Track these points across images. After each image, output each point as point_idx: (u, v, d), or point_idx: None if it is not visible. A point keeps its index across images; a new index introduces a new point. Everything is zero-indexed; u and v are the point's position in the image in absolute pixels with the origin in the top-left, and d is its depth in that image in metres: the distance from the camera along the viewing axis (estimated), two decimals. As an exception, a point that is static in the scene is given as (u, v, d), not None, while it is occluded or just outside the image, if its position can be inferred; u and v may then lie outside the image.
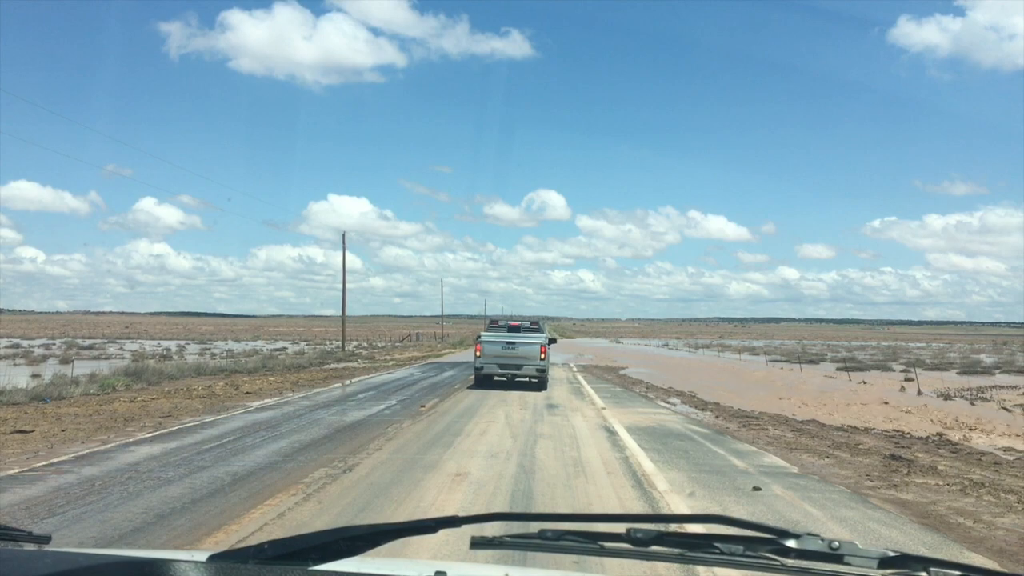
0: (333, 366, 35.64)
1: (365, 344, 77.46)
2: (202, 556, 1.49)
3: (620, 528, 1.45)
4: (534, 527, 1.52)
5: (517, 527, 1.56)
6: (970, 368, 41.66)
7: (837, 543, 1.36)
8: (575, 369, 34.12)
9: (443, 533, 1.52)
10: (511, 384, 23.24)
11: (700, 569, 5.11)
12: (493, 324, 24.71)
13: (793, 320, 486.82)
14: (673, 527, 1.73)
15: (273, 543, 1.46)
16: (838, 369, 39.27)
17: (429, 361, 42.25)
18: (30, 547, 1.67)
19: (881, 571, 1.32)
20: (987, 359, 54.31)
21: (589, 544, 1.46)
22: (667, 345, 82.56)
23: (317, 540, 1.46)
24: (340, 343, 51.88)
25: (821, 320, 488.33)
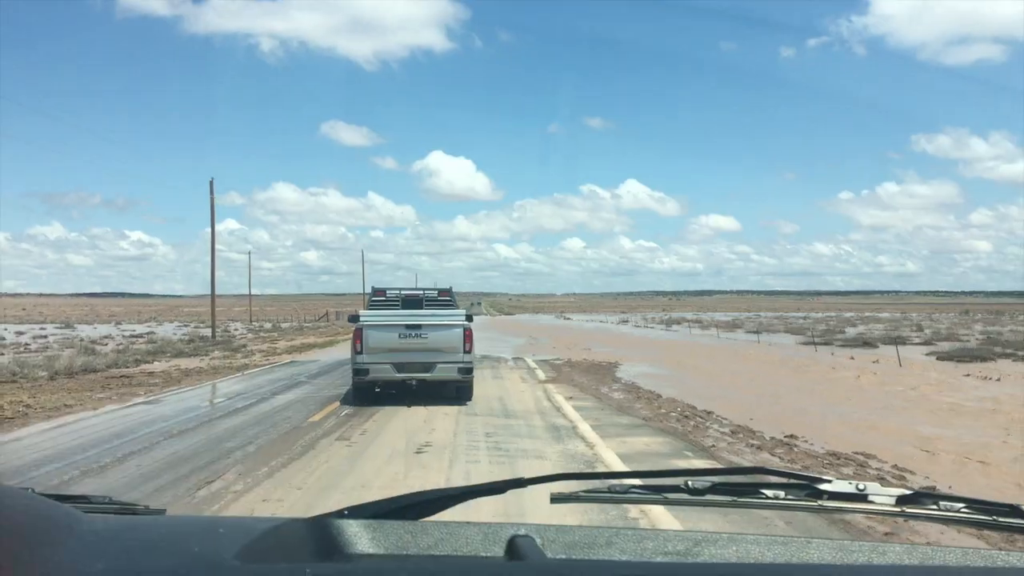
0: (149, 368, 23.23)
1: (266, 326, 64.70)
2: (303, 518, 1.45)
3: (678, 481, 1.53)
4: (597, 484, 1.61)
5: (583, 485, 1.61)
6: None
7: (863, 485, 1.46)
8: (542, 377, 19.19)
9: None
10: (409, 393, 14.07)
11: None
12: (378, 297, 15.45)
13: (725, 292, 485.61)
14: (723, 478, 1.57)
15: (352, 509, 1.45)
16: (930, 354, 27.88)
17: (316, 353, 29.93)
18: (147, 518, 1.61)
19: (899, 507, 1.44)
20: (1005, 331, 44.43)
21: (654, 495, 1.57)
22: (626, 321, 71.19)
23: (393, 504, 1.47)
24: (244, 324, 40.34)
25: (751, 292, 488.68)
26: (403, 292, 15.78)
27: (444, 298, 15.57)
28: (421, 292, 15.94)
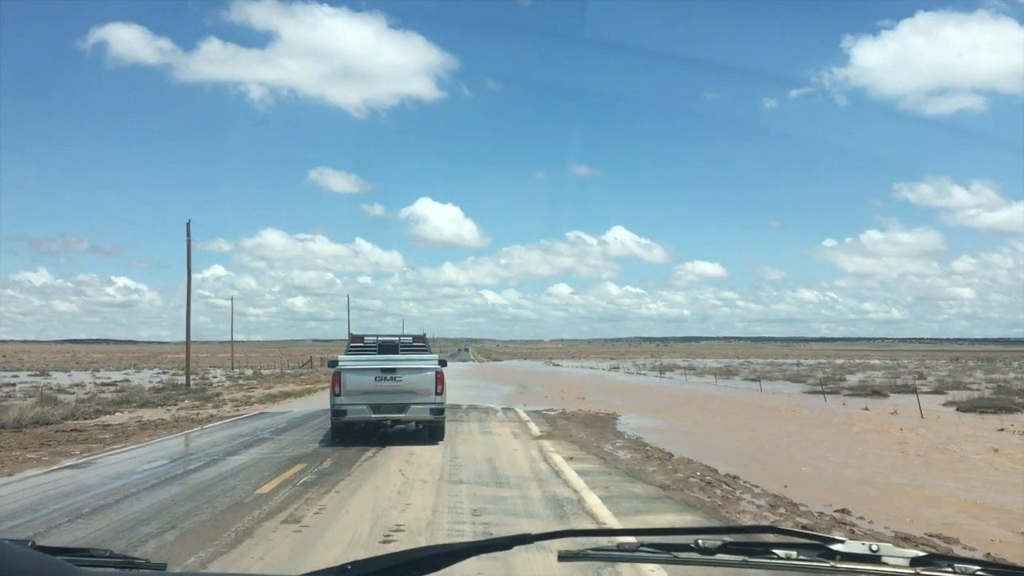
0: (109, 419, 21.13)
1: (247, 372, 62.12)
2: None
3: (688, 540, 1.52)
4: (604, 541, 1.61)
5: (590, 541, 1.60)
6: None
7: (876, 546, 1.44)
8: (536, 432, 16.79)
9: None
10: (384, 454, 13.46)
11: None
12: (356, 343, 16.09)
13: (712, 338, 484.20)
14: (733, 537, 1.55)
15: (356, 563, 1.46)
16: (946, 404, 25.71)
17: (291, 403, 27.69)
18: (147, 573, 1.71)
19: (913, 569, 1.40)
20: (980, 375, 42.56)
21: (663, 554, 1.53)
22: (617, 368, 68.98)
23: (398, 559, 1.47)
24: (226, 371, 37.71)
25: (738, 338, 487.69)
26: (380, 338, 16.07)
27: (418, 344, 15.91)
28: (397, 338, 16.20)
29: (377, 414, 14.28)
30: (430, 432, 14.93)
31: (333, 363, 15.04)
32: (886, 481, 11.31)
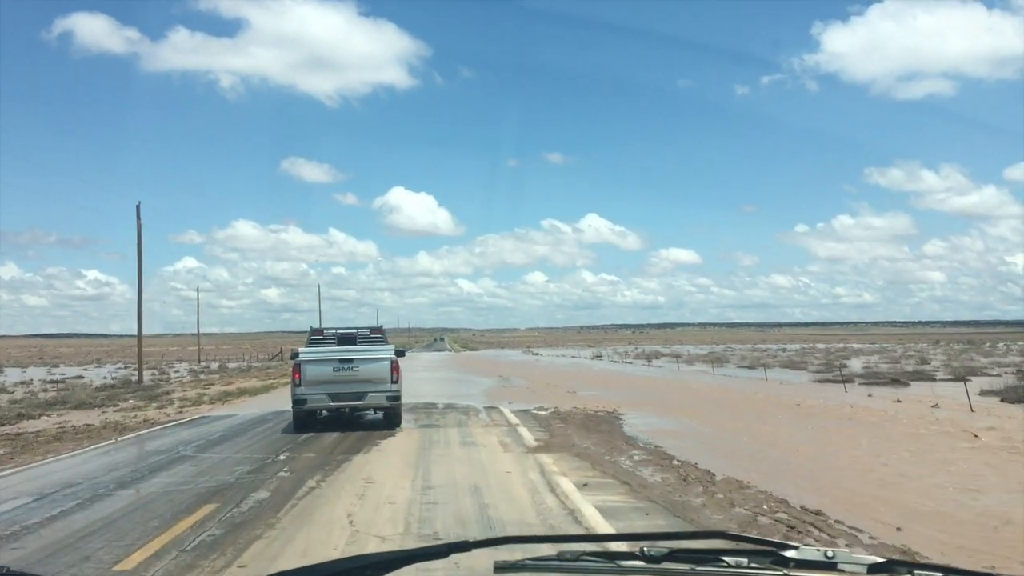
0: (30, 425, 17.87)
1: (213, 366, 58.25)
2: None
3: (633, 547, 1.46)
4: (545, 549, 1.52)
5: (531, 549, 1.52)
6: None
7: (831, 552, 1.39)
8: (530, 440, 13.45)
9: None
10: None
11: None
12: (316, 336, 16.35)
13: (687, 324, 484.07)
14: (681, 543, 1.50)
15: (287, 574, 1.40)
16: (983, 394, 22.40)
17: (244, 402, 24.20)
18: None
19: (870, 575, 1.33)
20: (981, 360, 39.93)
21: (607, 563, 1.46)
22: (600, 356, 65.63)
23: (329, 569, 1.40)
24: (192, 364, 33.88)
25: (712, 324, 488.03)
26: (339, 331, 16.32)
27: (376, 335, 16.21)
28: (355, 330, 16.31)
29: (336, 402, 14.77)
30: (386, 417, 15.47)
31: (295, 355, 15.44)
32: (1009, 511, 8.10)
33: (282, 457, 11.75)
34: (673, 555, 1.43)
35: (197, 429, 16.44)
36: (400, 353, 15.77)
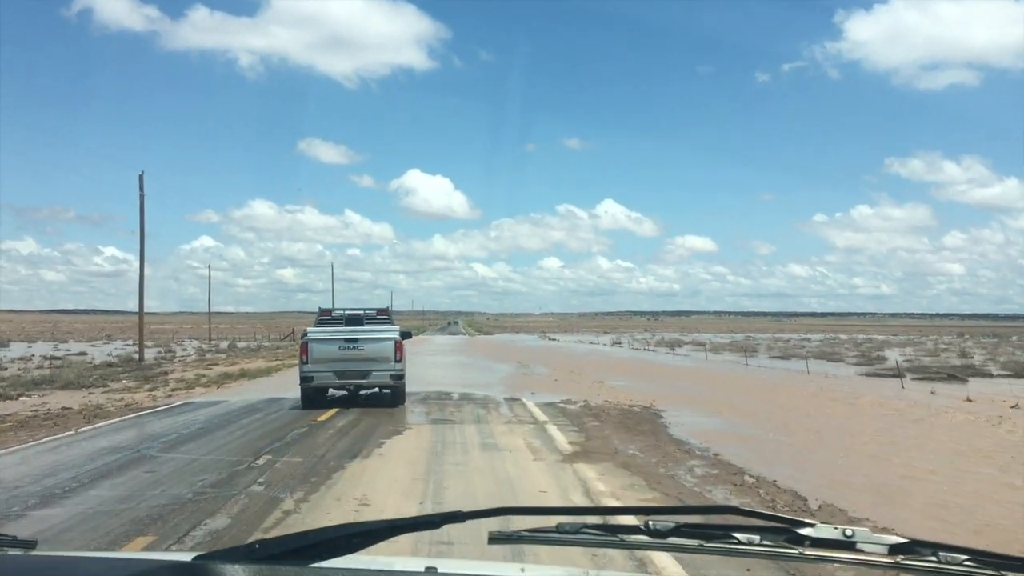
0: (5, 407, 15.47)
1: (221, 345, 56.52)
2: (188, 557, 1.42)
3: (638, 521, 1.39)
4: (543, 521, 1.44)
5: (528, 521, 1.45)
6: None
7: (851, 531, 1.31)
8: (563, 443, 11.01)
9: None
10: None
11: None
12: (325, 317, 16.89)
13: (702, 313, 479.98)
14: (689, 518, 1.40)
15: (264, 542, 1.37)
16: None
17: (241, 385, 22.13)
18: (15, 552, 1.57)
19: (892, 557, 1.28)
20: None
21: (608, 537, 1.40)
22: (619, 343, 63.08)
23: (312, 539, 1.36)
24: (203, 343, 31.67)
25: (727, 313, 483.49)
26: (346, 312, 16.78)
27: (382, 316, 16.61)
28: (362, 311, 16.72)
29: (341, 379, 15.30)
30: (392, 394, 15.76)
31: (303, 334, 15.88)
32: None
33: (261, 461, 9.48)
34: (680, 530, 1.32)
35: (176, 419, 14.24)
36: (406, 335, 16.27)
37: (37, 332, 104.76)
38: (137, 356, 39.32)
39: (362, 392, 16.21)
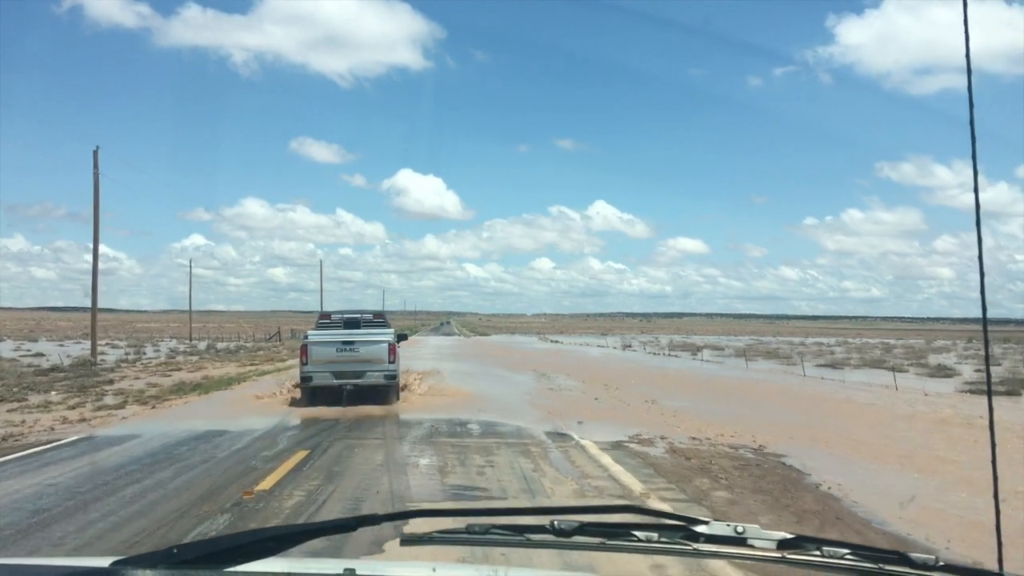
0: None
1: (201, 346, 50.98)
2: (105, 562, 1.39)
3: (544, 521, 1.40)
4: (457, 522, 1.47)
5: (441, 523, 1.47)
6: None
7: (742, 527, 1.34)
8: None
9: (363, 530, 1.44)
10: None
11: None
12: (324, 320, 17.81)
13: (693, 315, 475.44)
14: (592, 517, 1.43)
15: (183, 547, 1.33)
16: None
17: (193, 402, 16.57)
18: None
19: (780, 552, 1.31)
20: None
21: (515, 536, 1.42)
22: (629, 346, 57.58)
23: (231, 542, 1.34)
24: (182, 343, 24.92)
25: (719, 315, 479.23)
26: (345, 315, 17.56)
27: (378, 320, 17.58)
28: (360, 315, 17.59)
29: (338, 379, 15.68)
30: (384, 394, 16.02)
31: (304, 338, 16.64)
32: None
33: None
34: (583, 529, 1.37)
35: (28, 479, 8.67)
36: (402, 337, 17.50)
37: (15, 330, 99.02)
38: (109, 356, 34.43)
39: (356, 401, 15.66)
